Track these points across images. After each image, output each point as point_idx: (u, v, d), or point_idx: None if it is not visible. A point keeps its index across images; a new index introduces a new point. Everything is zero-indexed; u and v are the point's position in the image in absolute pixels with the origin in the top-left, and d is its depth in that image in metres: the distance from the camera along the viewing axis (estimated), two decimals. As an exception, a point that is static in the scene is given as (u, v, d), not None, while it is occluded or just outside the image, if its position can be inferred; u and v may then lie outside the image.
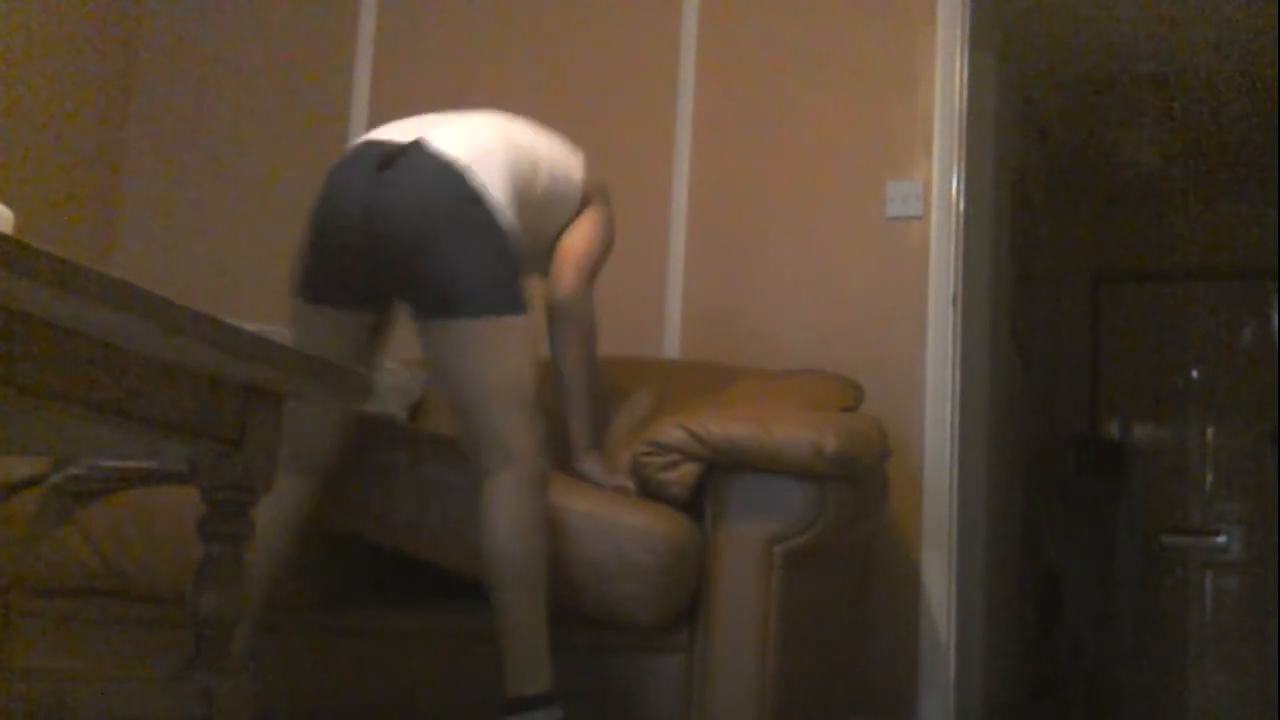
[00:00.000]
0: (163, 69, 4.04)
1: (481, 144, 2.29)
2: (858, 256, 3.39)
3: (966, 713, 3.42)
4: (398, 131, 2.32)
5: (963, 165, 3.38)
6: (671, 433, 2.40)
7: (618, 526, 2.33)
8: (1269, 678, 5.52)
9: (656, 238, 3.55)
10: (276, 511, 2.25)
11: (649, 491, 2.43)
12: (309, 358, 1.67)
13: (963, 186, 3.38)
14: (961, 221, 3.37)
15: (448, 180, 2.20)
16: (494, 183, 2.24)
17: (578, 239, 2.52)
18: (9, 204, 1.53)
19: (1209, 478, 6.13)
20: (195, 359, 1.54)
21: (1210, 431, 6.15)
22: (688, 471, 2.40)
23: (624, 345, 3.45)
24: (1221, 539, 6.02)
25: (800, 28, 3.55)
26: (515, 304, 2.21)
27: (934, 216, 3.34)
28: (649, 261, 3.54)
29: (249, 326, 1.64)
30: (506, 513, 2.15)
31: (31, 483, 2.76)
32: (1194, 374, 6.24)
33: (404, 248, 2.19)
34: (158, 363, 1.52)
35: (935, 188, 3.35)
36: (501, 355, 2.19)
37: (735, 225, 3.51)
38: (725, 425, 2.38)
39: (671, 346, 3.50)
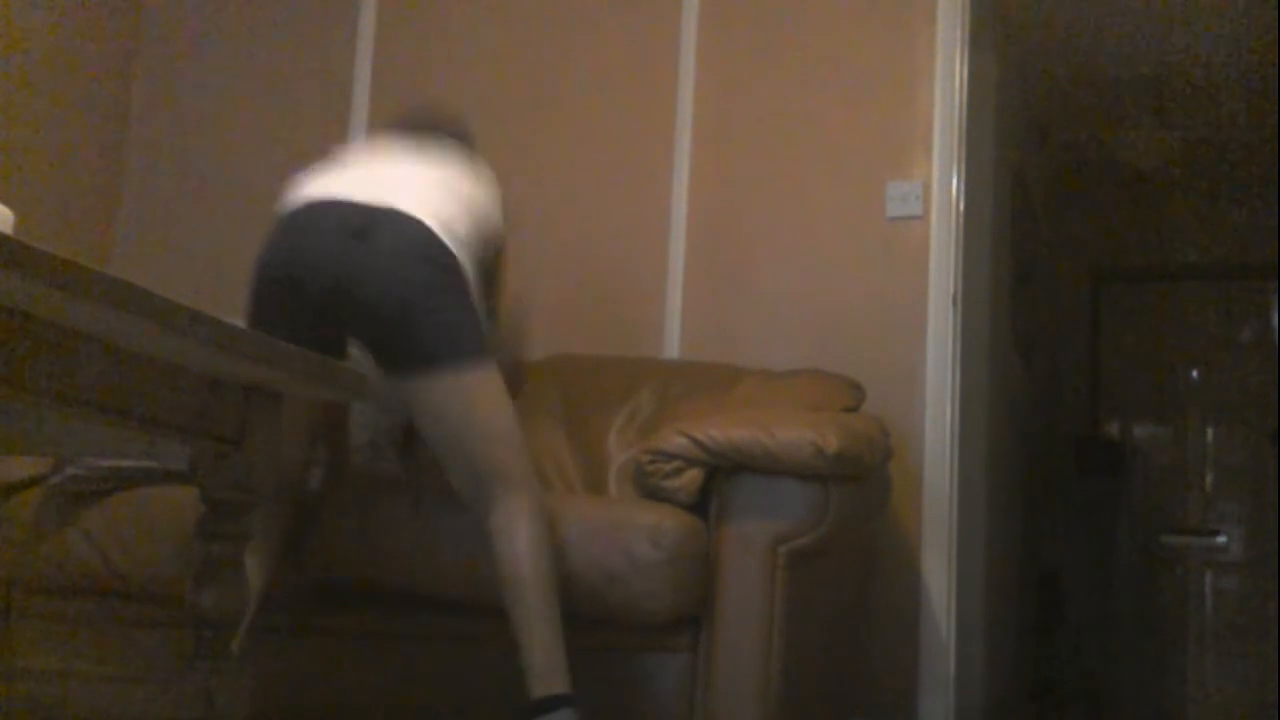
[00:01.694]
0: (162, 69, 4.04)
1: (443, 207, 2.36)
2: (858, 256, 3.39)
3: (966, 713, 3.42)
4: (351, 187, 2.35)
5: (963, 165, 3.38)
6: (674, 440, 2.42)
7: (624, 527, 2.34)
8: (1269, 678, 5.52)
9: (656, 238, 3.55)
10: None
11: (656, 498, 2.45)
12: (309, 357, 1.67)
13: (963, 186, 3.38)
14: (961, 221, 3.37)
15: (429, 249, 2.28)
16: (458, 246, 2.34)
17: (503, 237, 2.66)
18: (9, 204, 1.53)
19: (1209, 478, 6.13)
20: (195, 359, 1.54)
21: (1210, 431, 6.15)
22: (692, 477, 2.42)
23: (624, 345, 3.45)
24: (1221, 539, 6.01)
25: (800, 28, 3.55)
26: (470, 354, 2.31)
27: (934, 216, 3.34)
28: (649, 262, 3.54)
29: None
30: (519, 538, 2.24)
31: (31, 483, 2.76)
32: (1194, 374, 6.24)
33: (386, 313, 2.25)
34: (158, 363, 1.52)
35: (935, 188, 3.35)
36: (490, 398, 2.31)
37: (735, 225, 3.51)
38: (727, 430, 2.39)
39: (671, 346, 3.50)
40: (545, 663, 2.19)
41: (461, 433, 2.29)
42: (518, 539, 2.24)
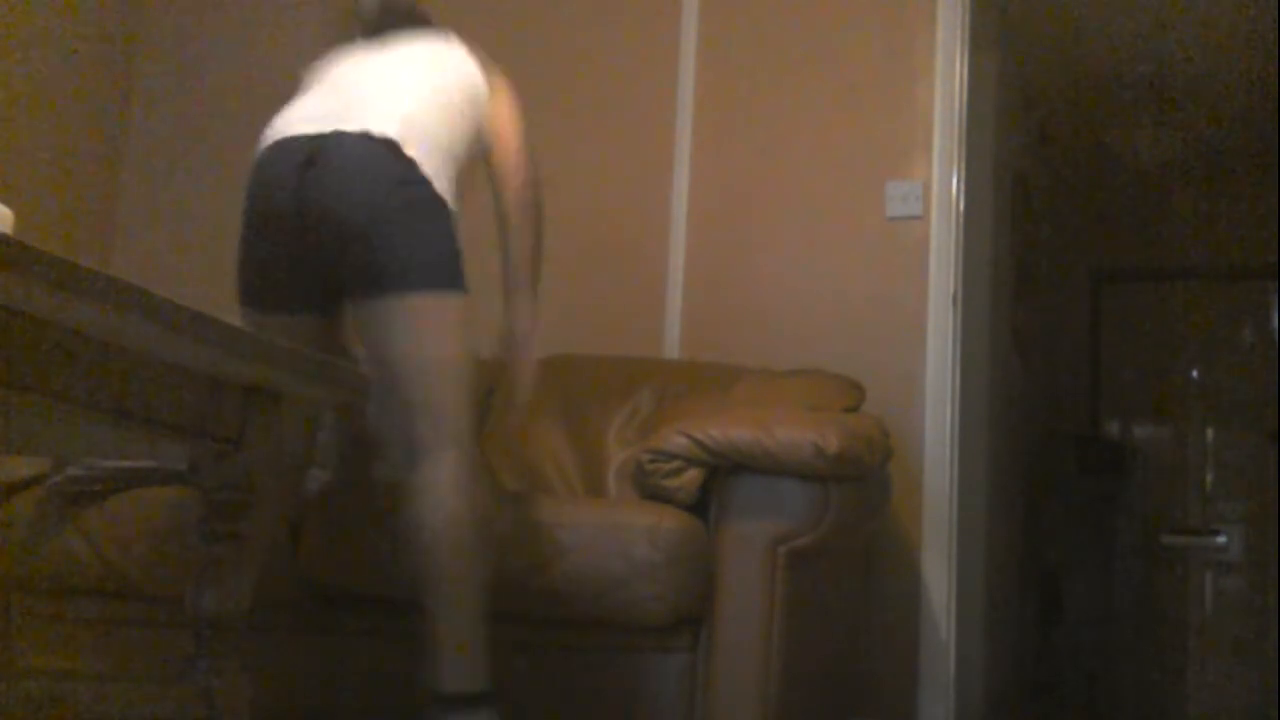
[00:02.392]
0: (163, 69, 4.04)
1: (408, 113, 2.23)
2: (858, 256, 3.39)
3: (966, 713, 3.42)
4: (316, 113, 2.24)
5: (963, 165, 3.38)
6: (674, 440, 2.42)
7: (623, 530, 2.34)
8: (1269, 678, 5.52)
9: (656, 238, 3.55)
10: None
11: (656, 498, 2.45)
12: (309, 357, 1.67)
13: (963, 186, 3.38)
14: (961, 221, 3.37)
15: (377, 165, 2.14)
16: (427, 153, 2.19)
17: (505, 118, 2.46)
18: (9, 204, 1.53)
19: (1209, 478, 6.13)
20: (195, 359, 1.54)
21: (1210, 431, 6.15)
22: (692, 477, 2.42)
23: (624, 345, 3.45)
24: (1221, 539, 6.01)
25: (800, 28, 3.55)
26: (455, 281, 2.16)
27: (934, 216, 3.34)
28: (649, 261, 3.54)
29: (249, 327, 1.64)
30: (448, 500, 2.06)
31: (31, 483, 2.76)
32: (1194, 374, 6.24)
33: (339, 237, 2.13)
34: (158, 363, 1.52)
35: (935, 188, 3.35)
36: (442, 331, 2.14)
37: (735, 225, 3.51)
38: (727, 429, 2.39)
39: (671, 346, 3.50)
40: (462, 654, 2.03)
41: (402, 363, 2.11)
42: (447, 501, 2.06)
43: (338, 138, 2.16)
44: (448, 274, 2.15)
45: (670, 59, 3.64)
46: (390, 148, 2.16)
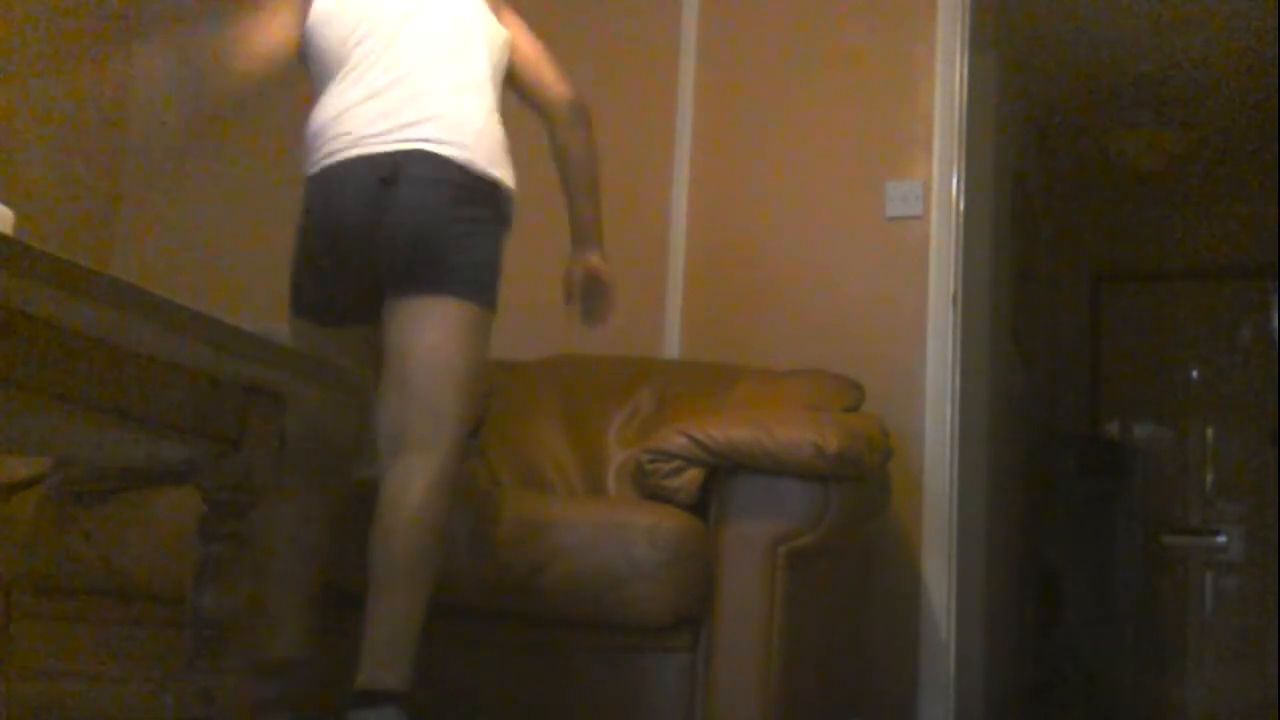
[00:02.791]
0: (163, 69, 4.04)
1: (477, 127, 2.32)
2: (858, 256, 3.39)
3: (966, 713, 3.42)
4: (380, 115, 2.27)
5: (963, 165, 3.38)
6: (674, 440, 2.42)
7: (624, 529, 2.34)
8: (1269, 678, 5.52)
9: (656, 238, 3.55)
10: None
11: (656, 498, 2.45)
12: (309, 358, 1.67)
13: (963, 186, 3.38)
14: (961, 221, 3.36)
15: (452, 185, 2.24)
16: (489, 159, 2.30)
17: (528, 45, 2.57)
18: (9, 204, 1.53)
19: (1209, 478, 6.13)
20: (195, 359, 1.54)
21: (1210, 431, 6.15)
22: (692, 476, 2.42)
23: (624, 345, 3.45)
24: (1221, 539, 6.01)
25: (800, 28, 3.55)
26: (493, 300, 2.28)
27: (934, 216, 3.34)
28: (649, 261, 3.54)
29: (249, 326, 1.64)
30: (419, 495, 2.10)
31: (31, 483, 2.76)
32: (1194, 374, 6.24)
33: (407, 244, 2.21)
34: (158, 363, 1.52)
35: (935, 188, 3.35)
36: (470, 341, 2.23)
37: (735, 225, 3.51)
38: (726, 429, 2.39)
39: (671, 346, 3.50)
40: (387, 649, 2.03)
41: (421, 361, 2.18)
42: (407, 498, 2.10)
43: (419, 157, 2.23)
44: (491, 291, 2.28)
45: (670, 59, 3.64)
46: (463, 171, 2.26)
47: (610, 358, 3.32)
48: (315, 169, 2.30)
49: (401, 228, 2.20)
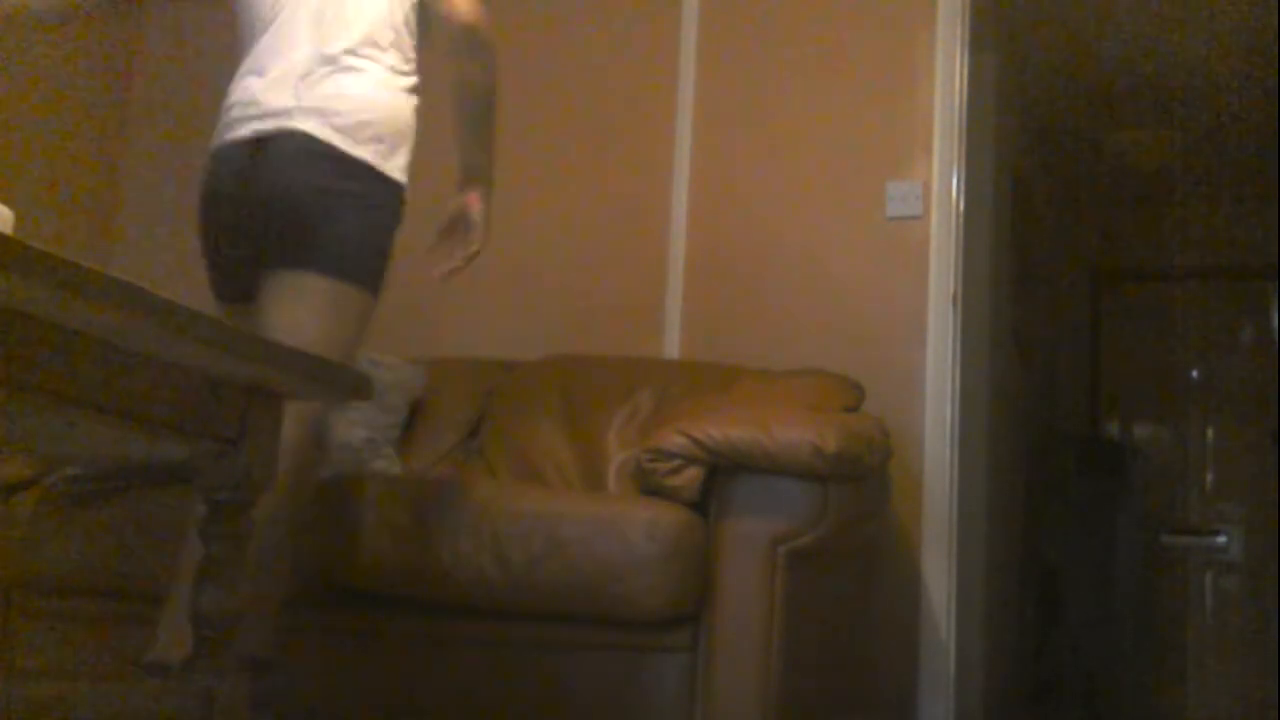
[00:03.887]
0: (162, 69, 4.04)
1: (361, 95, 2.24)
2: (858, 256, 3.39)
3: (966, 713, 3.42)
4: (271, 87, 2.25)
5: (963, 165, 3.38)
6: (673, 439, 2.42)
7: (623, 522, 2.35)
8: (1269, 678, 5.52)
9: (656, 237, 3.55)
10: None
11: (658, 496, 2.45)
12: (309, 357, 1.67)
13: (963, 186, 3.38)
14: (961, 221, 3.37)
15: (316, 159, 2.18)
16: (377, 141, 2.22)
17: None
18: (9, 204, 1.53)
19: (1209, 478, 6.13)
20: (195, 359, 1.54)
21: (1210, 431, 6.15)
22: (692, 475, 2.42)
23: (624, 345, 3.45)
24: (1221, 539, 6.01)
25: (800, 27, 3.55)
26: (373, 284, 2.21)
27: (934, 216, 3.34)
28: (649, 261, 3.54)
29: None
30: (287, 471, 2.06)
31: (31, 483, 2.76)
32: (1194, 374, 6.24)
33: (282, 204, 2.17)
34: (158, 363, 1.52)
35: (935, 188, 3.35)
36: (342, 322, 2.18)
37: (735, 225, 3.51)
38: (726, 429, 2.40)
39: (671, 346, 3.50)
40: (252, 624, 2.03)
41: (288, 331, 2.12)
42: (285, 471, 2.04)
43: (285, 137, 2.19)
44: (371, 274, 2.21)
45: (670, 59, 3.64)
46: (330, 147, 2.18)
47: (610, 358, 3.32)
48: (212, 145, 2.31)
49: (275, 194, 2.17)
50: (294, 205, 2.16)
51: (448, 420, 3.24)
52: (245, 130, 2.25)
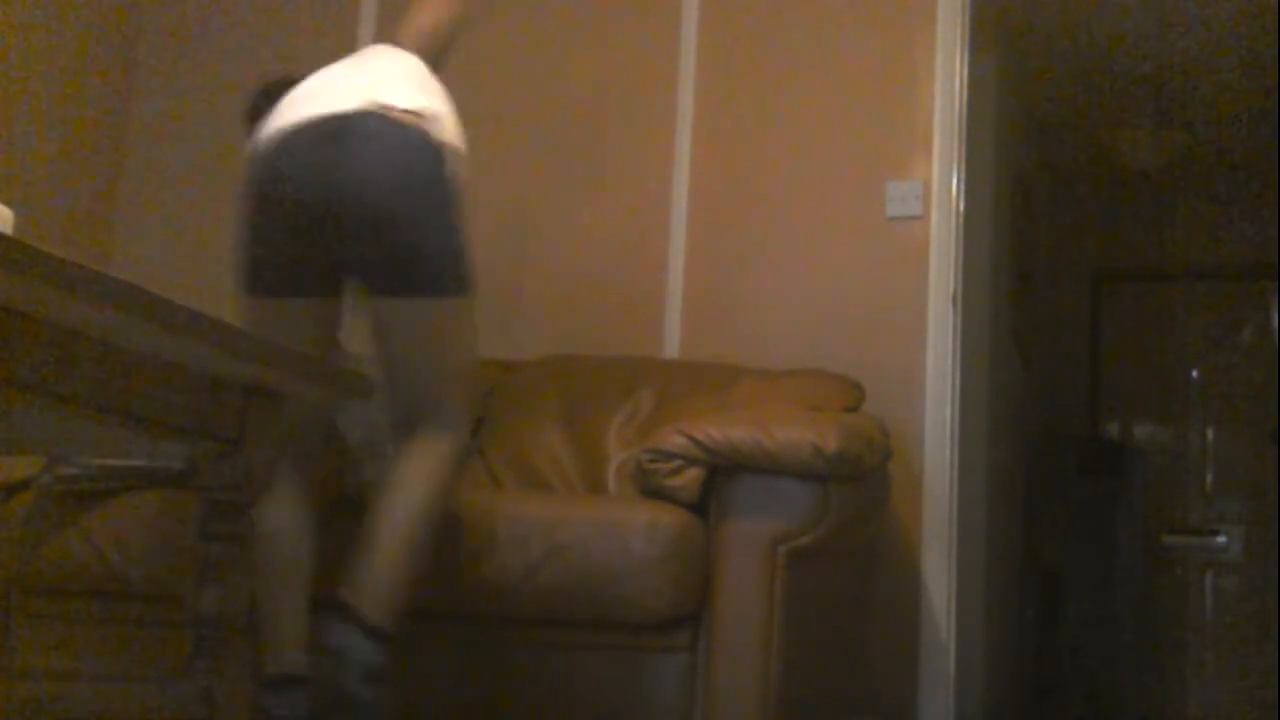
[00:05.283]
0: (163, 69, 4.04)
1: (427, 96, 2.24)
2: (858, 256, 3.39)
3: (966, 713, 3.42)
4: (329, 99, 2.17)
5: (963, 165, 3.38)
6: (673, 439, 2.42)
7: (622, 525, 2.35)
8: (1269, 677, 5.52)
9: (656, 238, 3.55)
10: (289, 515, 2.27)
11: (657, 497, 2.45)
12: (309, 357, 1.67)
13: (963, 186, 3.38)
14: (961, 221, 3.37)
15: (412, 149, 2.14)
16: (448, 133, 2.22)
17: None
18: (9, 204, 1.53)
19: (1209, 478, 6.12)
20: (195, 359, 1.54)
21: (1210, 431, 6.15)
22: (692, 476, 2.42)
23: (624, 345, 3.45)
24: (1221, 539, 6.01)
25: (800, 28, 3.55)
26: (470, 284, 2.24)
27: (934, 216, 3.34)
28: (649, 261, 3.54)
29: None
30: (432, 474, 2.17)
31: (31, 483, 2.76)
32: (1194, 374, 6.23)
33: (370, 221, 2.11)
34: (158, 363, 1.52)
35: (935, 187, 3.35)
36: (458, 336, 2.25)
37: (735, 225, 3.51)
38: (726, 429, 2.40)
39: (671, 346, 3.50)
40: (385, 595, 2.09)
41: (420, 367, 2.22)
42: (421, 474, 2.16)
43: (364, 116, 2.12)
44: (467, 275, 2.23)
45: (670, 59, 3.64)
46: (422, 130, 2.15)
47: (610, 358, 3.32)
48: (257, 147, 2.21)
49: (355, 195, 2.09)
50: (388, 208, 2.10)
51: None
52: (318, 108, 2.15)
